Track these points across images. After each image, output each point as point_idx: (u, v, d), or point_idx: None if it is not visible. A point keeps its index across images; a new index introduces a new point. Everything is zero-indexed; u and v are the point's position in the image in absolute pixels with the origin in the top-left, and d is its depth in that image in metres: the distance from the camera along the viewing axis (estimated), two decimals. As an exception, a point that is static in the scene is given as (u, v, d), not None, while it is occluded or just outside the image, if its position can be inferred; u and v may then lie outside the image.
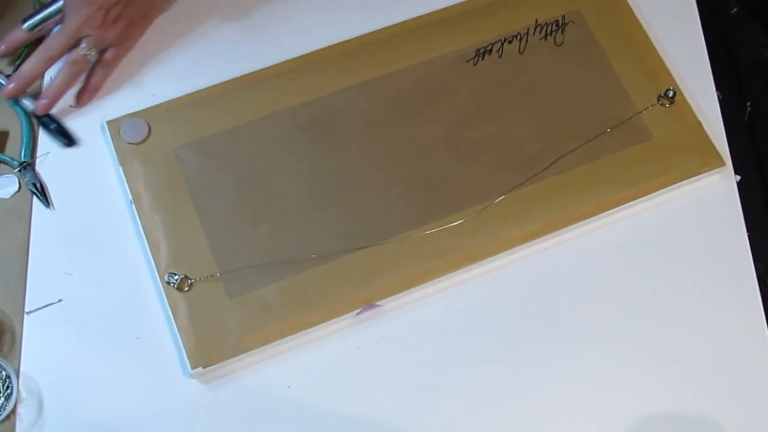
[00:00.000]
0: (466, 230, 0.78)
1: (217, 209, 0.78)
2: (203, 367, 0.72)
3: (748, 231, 0.80)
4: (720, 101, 0.86)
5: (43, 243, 0.78)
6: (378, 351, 0.75)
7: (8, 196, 0.79)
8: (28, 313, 0.75)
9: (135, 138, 0.81)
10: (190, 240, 0.77)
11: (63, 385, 0.73)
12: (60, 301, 0.76)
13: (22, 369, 0.73)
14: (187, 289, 0.75)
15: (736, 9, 0.92)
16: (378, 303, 0.76)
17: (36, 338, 0.74)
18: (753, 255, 0.79)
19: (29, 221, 0.78)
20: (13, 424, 0.71)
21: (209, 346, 0.73)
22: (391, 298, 0.76)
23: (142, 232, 0.77)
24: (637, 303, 0.77)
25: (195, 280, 0.75)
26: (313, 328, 0.74)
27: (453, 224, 0.78)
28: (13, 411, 0.71)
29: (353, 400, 0.73)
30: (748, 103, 0.87)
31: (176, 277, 0.75)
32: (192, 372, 0.72)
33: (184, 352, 0.73)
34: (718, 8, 0.92)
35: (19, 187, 0.80)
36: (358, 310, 0.75)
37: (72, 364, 0.73)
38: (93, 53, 0.82)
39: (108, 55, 0.84)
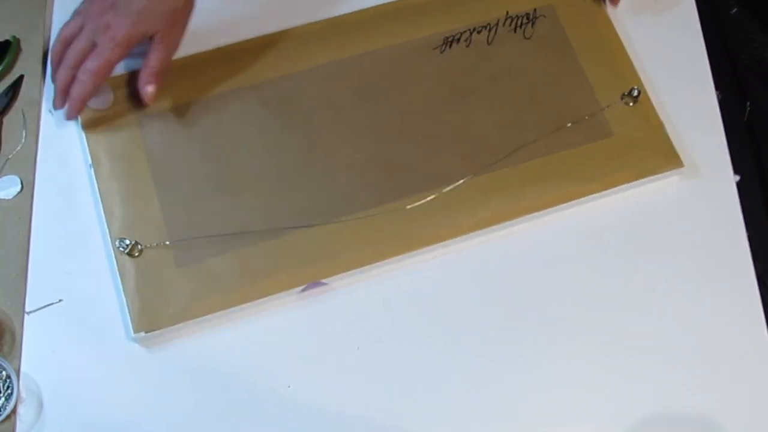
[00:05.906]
0: (419, 214, 0.78)
1: (175, 179, 0.79)
2: (145, 332, 0.73)
3: (747, 231, 0.80)
4: (720, 101, 0.86)
5: (43, 243, 0.78)
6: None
7: (10, 197, 0.80)
8: (28, 313, 0.75)
9: (100, 104, 0.82)
10: (144, 207, 0.78)
11: (63, 385, 0.73)
12: (60, 301, 0.76)
13: (22, 369, 0.73)
14: (137, 255, 0.76)
15: (736, 9, 0.92)
16: (324, 281, 0.76)
17: (36, 338, 0.74)
18: (752, 255, 0.79)
19: (29, 221, 0.78)
20: (14, 424, 0.71)
21: (153, 312, 0.73)
22: (339, 276, 0.76)
23: (99, 198, 0.78)
24: (636, 303, 0.77)
25: (145, 246, 0.76)
26: (257, 301, 0.75)
27: (406, 207, 0.78)
28: (14, 411, 0.71)
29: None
30: (748, 103, 0.87)
31: (127, 242, 0.76)
32: (134, 336, 0.73)
33: (128, 316, 0.73)
34: (718, 8, 0.92)
35: (21, 188, 0.80)
36: (303, 287, 0.75)
37: (72, 364, 0.74)
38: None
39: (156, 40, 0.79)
